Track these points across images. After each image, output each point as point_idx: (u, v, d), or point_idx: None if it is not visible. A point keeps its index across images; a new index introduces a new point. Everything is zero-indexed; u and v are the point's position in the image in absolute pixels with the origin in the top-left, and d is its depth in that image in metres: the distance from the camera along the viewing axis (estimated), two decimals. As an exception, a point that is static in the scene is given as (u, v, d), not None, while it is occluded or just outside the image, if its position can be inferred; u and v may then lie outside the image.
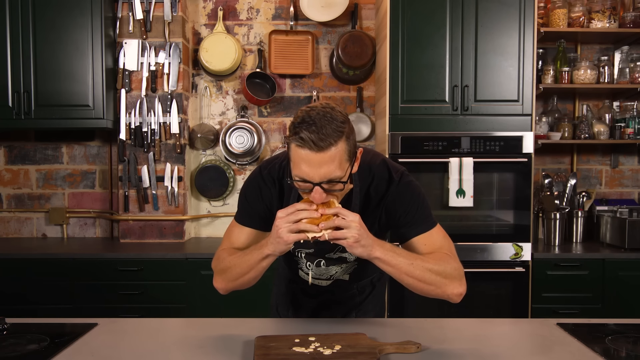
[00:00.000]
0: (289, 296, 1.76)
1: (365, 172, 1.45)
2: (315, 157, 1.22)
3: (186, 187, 3.31)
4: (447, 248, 1.46)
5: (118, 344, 1.45)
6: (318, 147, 1.21)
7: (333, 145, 1.22)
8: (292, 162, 1.28)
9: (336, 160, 1.24)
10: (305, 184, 1.28)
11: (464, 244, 2.90)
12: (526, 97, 2.89)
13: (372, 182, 1.45)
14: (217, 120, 3.49)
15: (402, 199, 1.44)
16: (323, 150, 1.22)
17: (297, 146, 1.23)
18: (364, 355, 1.28)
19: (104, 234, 3.51)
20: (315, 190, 1.26)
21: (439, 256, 1.42)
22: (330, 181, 1.26)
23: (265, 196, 1.49)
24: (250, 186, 1.52)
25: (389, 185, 1.44)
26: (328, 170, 1.24)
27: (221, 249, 1.55)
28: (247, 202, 1.52)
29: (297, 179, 1.28)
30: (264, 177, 1.49)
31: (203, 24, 3.47)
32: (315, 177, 1.25)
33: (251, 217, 1.52)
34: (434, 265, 1.38)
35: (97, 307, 2.86)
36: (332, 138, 1.22)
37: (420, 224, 1.45)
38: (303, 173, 1.25)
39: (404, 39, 2.87)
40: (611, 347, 1.39)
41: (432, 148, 2.89)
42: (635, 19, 3.10)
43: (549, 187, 3.27)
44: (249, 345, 1.40)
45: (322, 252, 1.53)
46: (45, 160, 3.49)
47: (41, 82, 3.04)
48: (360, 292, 1.72)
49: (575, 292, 2.91)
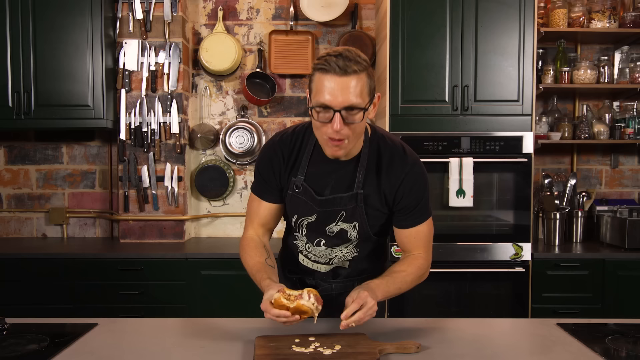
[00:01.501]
0: None
1: (378, 139, 1.51)
2: (338, 81, 1.28)
3: (186, 187, 3.31)
4: (427, 244, 1.56)
5: (118, 344, 1.45)
6: (343, 70, 1.28)
7: (357, 73, 1.29)
8: (315, 91, 1.33)
9: (358, 87, 1.30)
10: (325, 114, 1.32)
11: (464, 244, 2.90)
12: (526, 97, 2.89)
13: (383, 151, 1.49)
14: (217, 120, 3.49)
15: (412, 187, 1.48)
16: (347, 75, 1.28)
17: (321, 72, 1.30)
18: (364, 355, 1.28)
19: (104, 234, 3.51)
20: (335, 118, 1.30)
21: (416, 264, 1.53)
22: (350, 108, 1.30)
23: (275, 166, 1.54)
24: (263, 158, 1.58)
25: (403, 165, 1.48)
26: (349, 96, 1.29)
27: (245, 237, 1.62)
28: (260, 175, 1.58)
29: (318, 109, 1.33)
30: (275, 143, 1.55)
31: (203, 24, 3.47)
32: (336, 103, 1.29)
33: (265, 190, 1.58)
34: (414, 276, 1.52)
35: (97, 307, 2.86)
36: (356, 66, 1.29)
37: (418, 216, 1.52)
38: (325, 99, 1.30)
39: (404, 39, 2.87)
40: (611, 347, 1.39)
41: (432, 148, 2.89)
42: (635, 19, 3.10)
43: (549, 187, 3.27)
44: (249, 345, 1.40)
45: (324, 223, 1.54)
46: (45, 160, 3.49)
47: (41, 82, 3.04)
48: None
49: (575, 292, 2.91)
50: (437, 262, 2.90)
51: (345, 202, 1.50)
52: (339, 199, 1.50)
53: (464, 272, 2.89)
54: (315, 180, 1.51)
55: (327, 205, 1.51)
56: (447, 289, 2.93)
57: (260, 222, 1.61)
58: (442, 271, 2.88)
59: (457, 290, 2.93)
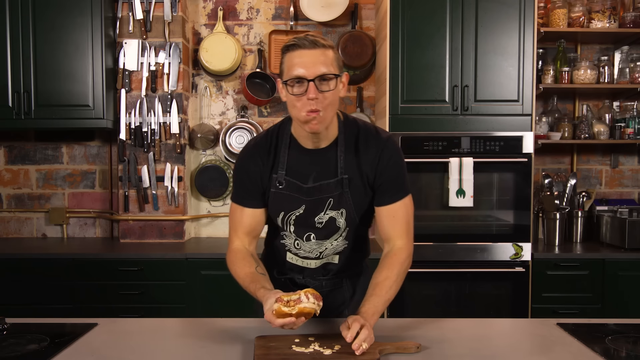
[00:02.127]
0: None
1: (351, 123, 1.56)
2: (309, 53, 1.36)
3: (186, 187, 3.31)
4: (407, 227, 1.56)
5: (118, 344, 1.45)
6: (312, 44, 1.37)
7: (325, 47, 1.38)
8: (287, 68, 1.39)
9: (329, 58, 1.38)
10: (300, 87, 1.37)
11: (464, 244, 2.90)
12: (526, 97, 2.89)
13: (358, 133, 1.54)
14: (217, 120, 3.49)
15: (388, 163, 1.52)
16: (317, 47, 1.37)
17: (292, 50, 1.38)
18: (364, 355, 1.28)
19: (104, 234, 3.51)
20: (310, 87, 1.36)
21: (397, 262, 1.52)
22: (322, 77, 1.37)
23: (254, 170, 1.55)
24: (241, 166, 1.59)
25: (378, 143, 1.52)
26: (321, 66, 1.36)
27: (231, 249, 1.60)
28: (240, 182, 1.59)
29: (291, 82, 1.38)
30: (250, 148, 1.58)
31: (203, 24, 3.47)
32: (309, 73, 1.36)
33: (247, 197, 1.58)
34: (398, 277, 1.50)
35: (97, 307, 2.86)
36: (324, 42, 1.39)
37: (395, 192, 1.54)
38: (298, 72, 1.36)
39: (404, 39, 2.87)
40: (611, 347, 1.39)
41: (432, 148, 2.89)
42: (635, 19, 3.10)
43: (549, 187, 3.27)
44: (249, 345, 1.40)
45: (313, 214, 1.55)
46: (45, 160, 3.49)
47: (41, 82, 3.04)
48: (349, 287, 1.73)
49: (575, 292, 2.91)
50: (437, 262, 2.94)
51: (331, 188, 1.52)
52: (326, 186, 1.52)
53: (464, 272, 2.89)
54: (296, 172, 1.53)
55: (315, 193, 1.52)
56: (447, 289, 2.93)
57: (245, 231, 1.60)
58: (442, 271, 2.89)
59: (457, 290, 2.93)
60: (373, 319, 1.39)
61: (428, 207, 2.94)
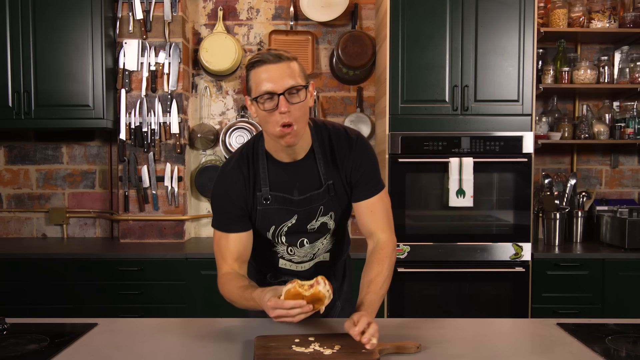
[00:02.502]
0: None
1: (322, 129, 1.57)
2: (275, 68, 1.38)
3: (186, 187, 3.31)
4: (386, 219, 1.59)
5: (118, 344, 1.45)
6: (277, 58, 1.38)
7: (289, 60, 1.40)
8: (254, 85, 1.40)
9: (295, 71, 1.40)
10: (270, 102, 1.38)
11: (464, 244, 2.90)
12: (526, 97, 2.89)
13: (330, 138, 1.56)
14: (217, 120, 3.49)
15: (361, 160, 1.55)
16: (281, 61, 1.38)
17: (256, 66, 1.39)
18: (364, 356, 1.28)
19: (104, 234, 3.51)
20: (280, 101, 1.37)
21: (384, 256, 1.54)
22: (292, 89, 1.38)
23: (236, 193, 1.53)
24: (220, 193, 1.55)
25: (349, 143, 1.55)
26: (288, 79, 1.37)
27: (221, 275, 1.55)
28: (222, 209, 1.55)
29: (261, 99, 1.38)
30: (228, 173, 1.55)
31: (203, 24, 3.47)
32: (278, 87, 1.37)
33: (231, 222, 1.54)
34: (388, 271, 1.53)
35: (97, 307, 2.86)
36: (287, 54, 1.41)
37: (370, 187, 1.57)
38: (267, 87, 1.37)
39: (404, 39, 2.87)
40: (611, 347, 1.39)
41: (432, 148, 2.89)
42: (635, 19, 3.10)
43: (549, 187, 3.27)
44: (249, 345, 1.40)
45: (305, 222, 1.56)
46: (45, 160, 3.49)
47: (41, 82, 3.04)
48: (337, 279, 1.78)
49: (575, 292, 2.92)
50: (437, 262, 2.94)
51: (320, 197, 1.54)
52: (316, 196, 1.54)
53: (464, 272, 2.89)
54: (280, 186, 1.53)
55: (305, 204, 1.54)
56: (447, 289, 2.93)
57: (233, 257, 1.54)
58: (442, 271, 2.89)
59: (457, 290, 2.93)
60: (372, 316, 1.40)
61: (428, 207, 2.94)
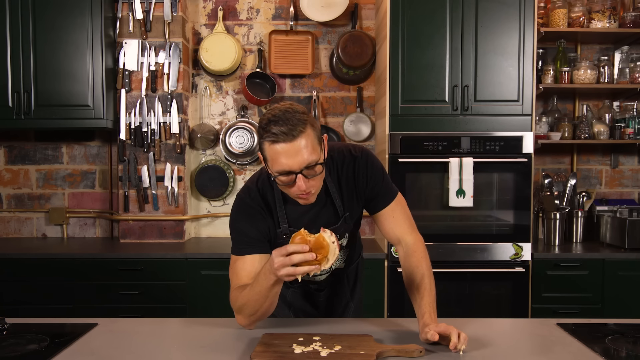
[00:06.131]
0: (286, 302, 1.79)
1: (328, 161, 1.54)
2: (289, 147, 1.33)
3: (186, 187, 3.31)
4: (409, 222, 1.61)
5: (118, 344, 1.45)
6: (291, 136, 1.32)
7: (303, 132, 1.33)
8: (270, 160, 1.36)
9: (309, 145, 1.35)
10: (287, 177, 1.36)
11: (464, 244, 2.90)
12: (526, 97, 2.89)
13: (339, 167, 1.56)
14: (217, 120, 3.49)
15: (370, 175, 1.55)
16: (296, 139, 1.32)
17: (271, 143, 1.33)
18: (360, 357, 1.27)
19: (104, 234, 3.51)
20: (298, 179, 1.35)
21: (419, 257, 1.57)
22: (309, 166, 1.35)
23: (259, 221, 1.53)
24: (242, 218, 1.54)
25: (354, 164, 1.55)
26: (305, 156, 1.34)
27: (233, 289, 1.55)
28: (242, 232, 1.54)
29: (278, 174, 1.36)
30: (251, 204, 1.53)
31: (203, 24, 3.47)
32: (295, 165, 1.34)
33: (250, 245, 1.54)
34: (429, 269, 1.57)
35: (97, 307, 2.86)
36: (299, 126, 1.33)
37: (384, 195, 1.58)
38: (283, 165, 1.34)
39: (404, 39, 2.87)
40: (611, 347, 1.39)
41: (432, 148, 2.89)
42: (635, 19, 3.10)
43: (549, 187, 3.27)
44: (249, 345, 1.40)
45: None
46: (45, 160, 3.49)
47: (41, 82, 3.04)
48: (349, 280, 1.81)
49: (575, 292, 2.92)
50: (437, 262, 2.90)
51: (338, 228, 1.56)
52: (333, 229, 1.50)
53: (464, 272, 2.89)
54: (298, 223, 1.52)
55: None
56: (447, 289, 2.93)
57: (249, 277, 1.51)
58: (442, 271, 2.88)
59: (457, 290, 2.93)
60: (436, 318, 1.45)
61: (428, 207, 2.94)
